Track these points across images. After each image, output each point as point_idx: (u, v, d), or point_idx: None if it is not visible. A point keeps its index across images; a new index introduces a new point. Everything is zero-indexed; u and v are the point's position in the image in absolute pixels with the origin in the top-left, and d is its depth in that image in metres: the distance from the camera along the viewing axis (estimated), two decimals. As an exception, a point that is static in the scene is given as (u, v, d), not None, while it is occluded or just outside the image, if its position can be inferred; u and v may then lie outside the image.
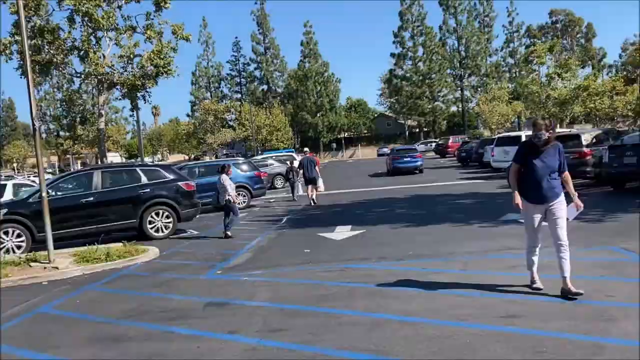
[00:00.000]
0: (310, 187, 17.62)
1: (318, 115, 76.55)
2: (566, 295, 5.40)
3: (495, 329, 4.78)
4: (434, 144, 60.66)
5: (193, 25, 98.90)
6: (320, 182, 17.96)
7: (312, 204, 17.21)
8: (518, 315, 5.08)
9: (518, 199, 5.72)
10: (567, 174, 5.72)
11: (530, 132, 19.89)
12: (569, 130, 27.63)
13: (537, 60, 42.38)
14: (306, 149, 21.43)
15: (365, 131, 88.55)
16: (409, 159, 30.18)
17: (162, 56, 20.09)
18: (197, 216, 14.11)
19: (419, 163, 30.00)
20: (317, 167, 17.94)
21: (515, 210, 5.88)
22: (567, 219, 5.65)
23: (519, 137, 22.60)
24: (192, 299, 6.83)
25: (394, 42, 76.36)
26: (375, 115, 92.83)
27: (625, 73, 36.15)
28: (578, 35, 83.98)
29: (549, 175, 5.53)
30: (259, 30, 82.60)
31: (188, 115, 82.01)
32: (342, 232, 11.10)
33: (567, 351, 4.19)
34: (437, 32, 76.48)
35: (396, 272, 7.34)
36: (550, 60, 42.67)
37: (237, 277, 7.86)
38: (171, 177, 13.27)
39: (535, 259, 5.88)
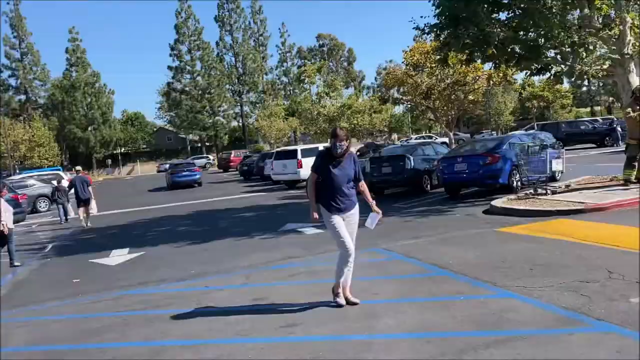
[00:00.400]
0: (82, 209, 16.08)
1: (89, 129, 70.52)
2: (346, 303, 5.58)
3: (276, 340, 4.87)
4: (206, 159, 63.83)
5: None
6: (93, 203, 16.48)
7: (85, 227, 15.72)
8: (297, 323, 5.26)
9: (316, 211, 5.57)
10: (363, 182, 5.79)
11: (305, 146, 20.92)
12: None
13: (308, 79, 45.74)
14: (78, 167, 19.44)
15: (145, 146, 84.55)
16: (187, 173, 31.13)
17: None
18: None
19: (197, 176, 31.14)
20: (89, 187, 16.44)
21: (310, 219, 5.75)
22: (368, 227, 5.75)
23: (295, 150, 23.99)
24: None
25: (171, 55, 74.60)
26: (155, 129, 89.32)
27: (380, 94, 41.32)
28: (341, 59, 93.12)
29: (347, 185, 5.56)
30: (13, 33, 72.77)
31: None
32: (118, 257, 10.28)
33: (340, 352, 4.46)
34: (214, 47, 77.20)
35: (177, 294, 7.04)
36: (319, 80, 46.47)
37: (-14, 320, 6.64)
38: None
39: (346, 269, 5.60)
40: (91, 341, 5.40)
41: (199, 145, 79.90)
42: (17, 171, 45.26)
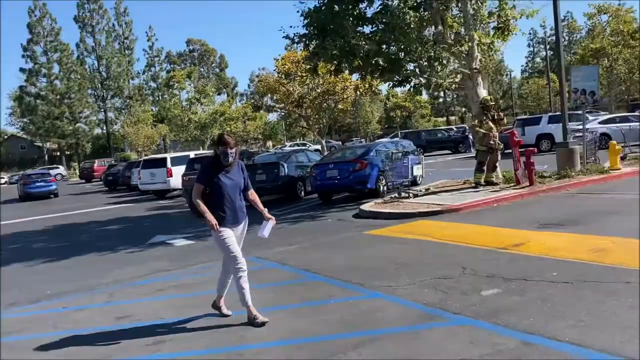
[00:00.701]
0: None
1: None
2: (252, 323, 5.11)
3: (142, 359, 4.60)
4: (57, 169, 59.90)
5: None
6: None
7: None
8: (165, 340, 5.01)
9: (214, 219, 5.07)
10: (253, 191, 5.52)
11: (175, 154, 20.09)
12: (210, 152, 30.05)
13: (178, 85, 44.34)
14: None
15: (-7, 155, 76.11)
16: (42, 183, 29.70)
17: None
18: None
19: (53, 187, 29.92)
20: None
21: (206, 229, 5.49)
22: (264, 235, 5.41)
23: (165, 159, 23.09)
24: None
25: (23, 56, 68.08)
26: (6, 136, 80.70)
27: (253, 101, 41.34)
28: (213, 65, 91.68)
29: (237, 195, 5.27)
30: None
31: None
32: (-43, 280, 9.06)
33: (212, 366, 4.34)
34: (74, 49, 71.86)
35: (31, 317, 6.37)
36: (189, 85, 45.22)
37: None
38: None
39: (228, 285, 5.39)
40: None
41: (58, 154, 73.69)
42: None
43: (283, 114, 34.95)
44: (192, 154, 23.84)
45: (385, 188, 14.35)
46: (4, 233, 15.35)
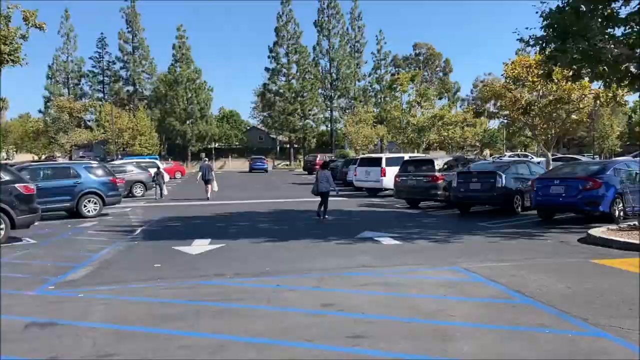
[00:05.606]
0: (208, 186, 22.40)
1: (187, 122, 74.12)
2: None
3: (341, 350, 4.68)
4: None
5: (53, 16, 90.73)
6: (214, 183, 22.79)
7: (208, 199, 21.92)
8: (364, 335, 5.04)
9: None
10: None
11: (390, 155, 20.42)
12: (424, 155, 30.01)
13: (400, 88, 45.14)
14: (204, 155, 25.09)
15: (237, 143, 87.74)
16: (260, 163, 56.50)
17: (7, 42, 17.87)
18: (37, 223, 12.63)
19: (265, 166, 56.42)
20: (212, 172, 23.12)
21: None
22: None
23: (380, 158, 23.73)
24: (12, 318, 5.91)
25: (269, 57, 76.83)
26: (248, 127, 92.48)
27: (474, 107, 39.82)
28: (437, 69, 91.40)
29: None
30: (127, 28, 78.21)
31: (40, 112, 74.59)
32: (199, 246, 10.55)
33: (408, 373, 4.20)
34: (310, 51, 78.50)
35: (250, 289, 7.05)
36: (411, 89, 45.72)
37: (72, 293, 7.00)
38: (6, 178, 11.74)
39: None
40: (162, 327, 5.50)
41: (287, 146, 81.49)
42: (119, 157, 48.54)
43: (506, 121, 32.89)
44: (406, 156, 24.04)
45: (622, 213, 12.48)
46: (237, 211, 17.49)
